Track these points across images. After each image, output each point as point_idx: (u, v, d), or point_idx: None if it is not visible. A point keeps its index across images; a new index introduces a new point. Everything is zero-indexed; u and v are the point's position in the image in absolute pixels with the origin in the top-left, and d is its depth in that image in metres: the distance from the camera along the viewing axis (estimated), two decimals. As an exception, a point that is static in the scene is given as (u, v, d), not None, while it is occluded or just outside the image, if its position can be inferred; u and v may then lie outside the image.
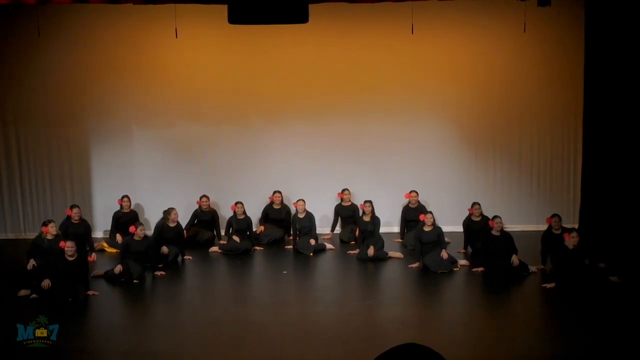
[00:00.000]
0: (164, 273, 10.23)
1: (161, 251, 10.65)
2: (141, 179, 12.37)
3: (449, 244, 10.89)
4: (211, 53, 12.22)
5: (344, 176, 12.23)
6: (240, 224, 11.49)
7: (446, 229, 11.19)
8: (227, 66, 12.25)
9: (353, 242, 11.64)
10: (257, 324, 8.41)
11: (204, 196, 11.82)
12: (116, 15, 11.72)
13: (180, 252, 10.94)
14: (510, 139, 12.36)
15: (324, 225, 12.17)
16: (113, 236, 11.65)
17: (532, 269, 10.05)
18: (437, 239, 10.42)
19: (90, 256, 10.49)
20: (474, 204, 11.23)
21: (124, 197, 11.80)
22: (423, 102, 12.27)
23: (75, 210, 11.07)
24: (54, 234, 10.02)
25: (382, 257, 10.80)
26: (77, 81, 12.14)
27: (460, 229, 11.34)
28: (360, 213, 11.51)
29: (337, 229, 12.19)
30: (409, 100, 12.26)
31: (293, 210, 11.82)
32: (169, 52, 12.05)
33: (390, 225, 12.12)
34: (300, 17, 8.74)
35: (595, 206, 10.91)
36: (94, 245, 11.17)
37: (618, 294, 9.06)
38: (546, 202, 12.35)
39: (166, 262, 10.62)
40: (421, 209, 11.49)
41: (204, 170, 12.41)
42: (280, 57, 12.19)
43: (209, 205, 11.84)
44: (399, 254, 10.99)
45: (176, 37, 10.04)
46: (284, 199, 12.03)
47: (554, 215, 10.53)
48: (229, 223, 11.61)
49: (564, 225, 10.43)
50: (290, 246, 11.52)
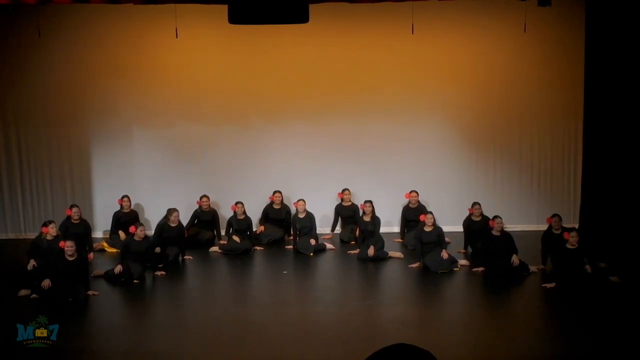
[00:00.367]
0: (164, 273, 10.24)
1: (155, 250, 10.57)
2: (141, 179, 12.37)
3: (449, 244, 10.89)
4: (211, 53, 12.21)
5: (344, 176, 12.23)
6: (240, 224, 11.49)
7: (446, 229, 11.20)
8: (227, 66, 12.25)
9: (353, 242, 11.64)
10: (257, 324, 8.42)
11: (204, 196, 11.82)
12: (116, 15, 11.72)
13: (181, 252, 10.93)
14: (510, 139, 12.36)
15: (324, 225, 12.17)
16: (113, 236, 11.65)
17: (532, 269, 10.05)
18: (438, 239, 10.42)
19: (88, 254, 10.48)
20: (474, 204, 11.23)
21: (124, 197, 11.79)
22: (423, 102, 12.27)
23: (74, 209, 11.08)
24: (54, 234, 10.02)
25: (382, 257, 10.80)
26: (77, 81, 12.14)
27: (460, 229, 11.34)
28: (361, 213, 11.51)
29: (338, 229, 12.19)
30: (409, 100, 12.26)
31: (293, 210, 11.82)
32: (169, 52, 12.04)
33: (390, 225, 12.12)
34: (301, 17, 8.74)
35: (596, 206, 10.91)
36: (93, 245, 11.18)
37: (618, 293, 9.06)
38: (546, 202, 12.35)
39: (167, 262, 10.62)
40: (421, 209, 11.49)
41: (204, 170, 12.41)
42: (280, 57, 12.19)
43: (209, 205, 11.84)
44: (399, 254, 10.99)
45: (176, 37, 10.05)
46: (284, 199, 12.03)
47: (554, 215, 10.53)
48: (229, 223, 11.61)
49: (564, 225, 10.43)
50: (291, 246, 11.51)
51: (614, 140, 10.57)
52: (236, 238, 11.39)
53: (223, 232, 11.87)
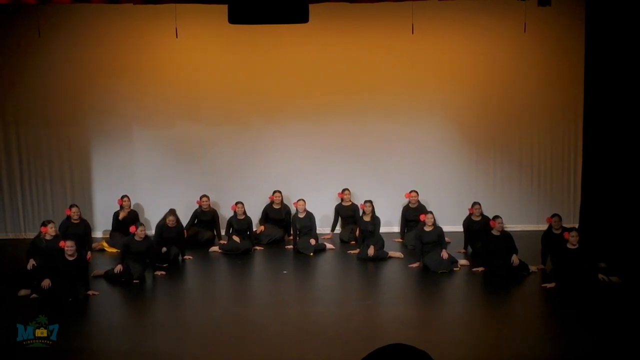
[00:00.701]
0: (164, 273, 10.24)
1: (162, 250, 10.61)
2: (141, 179, 12.37)
3: (449, 244, 10.89)
4: (211, 53, 12.22)
5: (344, 176, 12.24)
6: (240, 224, 11.49)
7: (446, 229, 11.20)
8: (227, 66, 12.25)
9: (353, 242, 11.64)
10: (257, 324, 8.41)
11: (204, 196, 11.82)
12: (116, 15, 11.72)
13: (181, 252, 10.94)
14: (510, 139, 12.36)
15: (324, 225, 12.17)
16: (113, 236, 11.65)
17: (532, 269, 10.05)
18: (438, 239, 10.42)
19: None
20: (474, 203, 11.23)
21: (124, 197, 11.79)
22: (423, 102, 12.27)
23: (74, 209, 11.08)
24: (53, 234, 10.01)
25: (382, 257, 10.80)
26: (77, 81, 12.14)
27: (460, 229, 11.34)
28: (361, 213, 11.51)
29: (337, 229, 12.19)
30: (409, 100, 12.26)
31: (293, 210, 11.82)
32: (169, 52, 12.05)
33: (390, 225, 12.12)
34: (301, 17, 8.74)
35: (596, 206, 10.91)
36: (92, 245, 11.17)
37: (618, 293, 9.06)
38: (546, 202, 12.35)
39: (168, 261, 10.62)
40: (421, 208, 11.49)
41: (204, 170, 12.41)
42: (280, 57, 12.19)
43: (209, 205, 11.85)
44: (399, 254, 10.99)
45: (176, 37, 10.05)
46: (284, 199, 12.04)
47: (554, 215, 10.53)
48: (229, 223, 11.61)
49: (564, 225, 10.43)
50: (291, 246, 11.52)
51: (614, 140, 10.58)
52: (236, 238, 11.39)
53: (223, 232, 11.87)
